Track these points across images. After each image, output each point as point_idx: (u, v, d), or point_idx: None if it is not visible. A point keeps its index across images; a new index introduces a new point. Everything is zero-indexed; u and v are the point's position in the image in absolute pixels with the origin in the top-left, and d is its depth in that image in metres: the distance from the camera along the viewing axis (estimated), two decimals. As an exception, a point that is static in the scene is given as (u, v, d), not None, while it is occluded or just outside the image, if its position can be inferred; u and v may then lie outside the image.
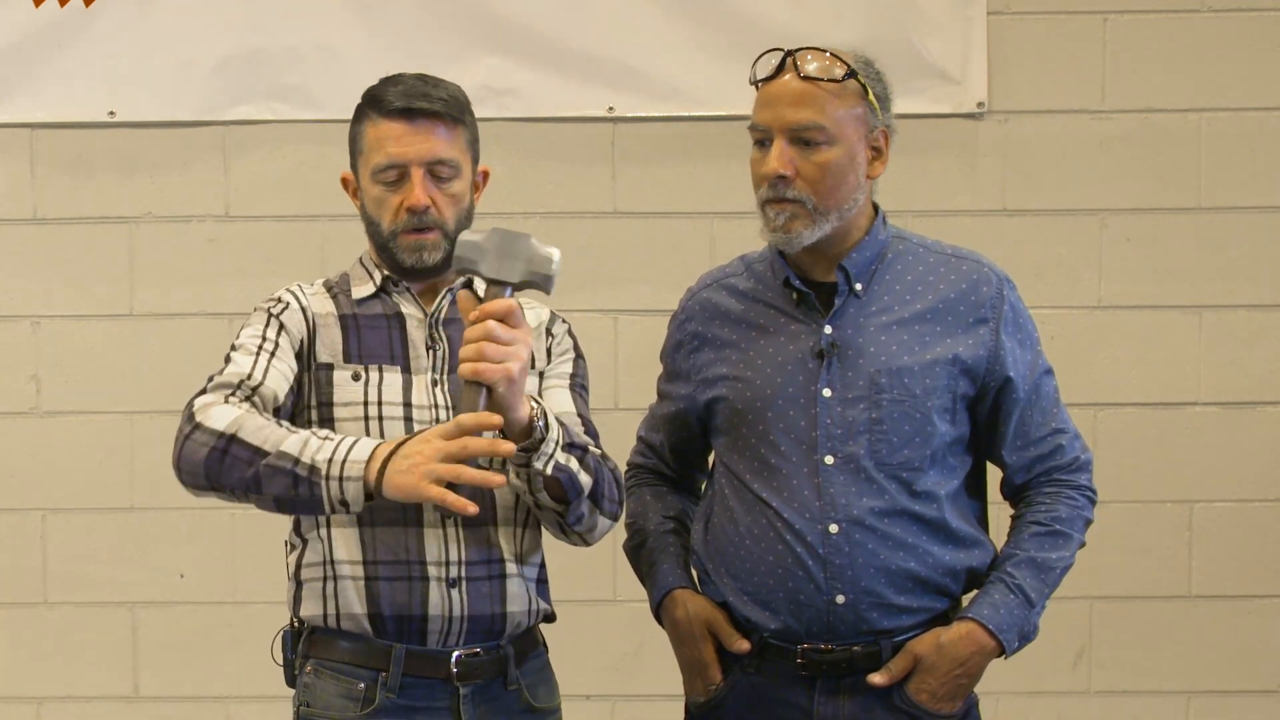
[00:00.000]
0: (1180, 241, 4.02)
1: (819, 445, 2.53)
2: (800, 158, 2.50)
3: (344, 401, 2.50)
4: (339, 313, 2.56)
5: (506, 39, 3.96)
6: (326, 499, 2.31)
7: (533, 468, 2.40)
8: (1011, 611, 2.54)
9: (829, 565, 2.52)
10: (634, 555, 2.78)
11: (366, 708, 2.47)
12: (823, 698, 2.55)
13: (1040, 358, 2.63)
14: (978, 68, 3.97)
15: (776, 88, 2.53)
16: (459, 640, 2.49)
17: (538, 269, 2.33)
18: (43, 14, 3.95)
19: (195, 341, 4.03)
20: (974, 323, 2.56)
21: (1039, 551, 2.57)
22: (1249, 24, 3.99)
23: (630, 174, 4.03)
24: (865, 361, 2.54)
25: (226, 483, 2.35)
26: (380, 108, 2.52)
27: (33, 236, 4.05)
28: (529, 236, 2.34)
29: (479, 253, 2.34)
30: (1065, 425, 2.64)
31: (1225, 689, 4.08)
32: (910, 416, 2.52)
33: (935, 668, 2.53)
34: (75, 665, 4.10)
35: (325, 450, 2.32)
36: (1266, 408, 4.05)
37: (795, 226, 2.52)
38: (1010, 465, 2.63)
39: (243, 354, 2.49)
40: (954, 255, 2.62)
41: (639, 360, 3.98)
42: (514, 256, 2.33)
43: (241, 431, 2.34)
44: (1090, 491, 2.64)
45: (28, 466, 4.08)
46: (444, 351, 2.55)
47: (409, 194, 2.51)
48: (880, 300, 2.57)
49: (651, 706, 4.03)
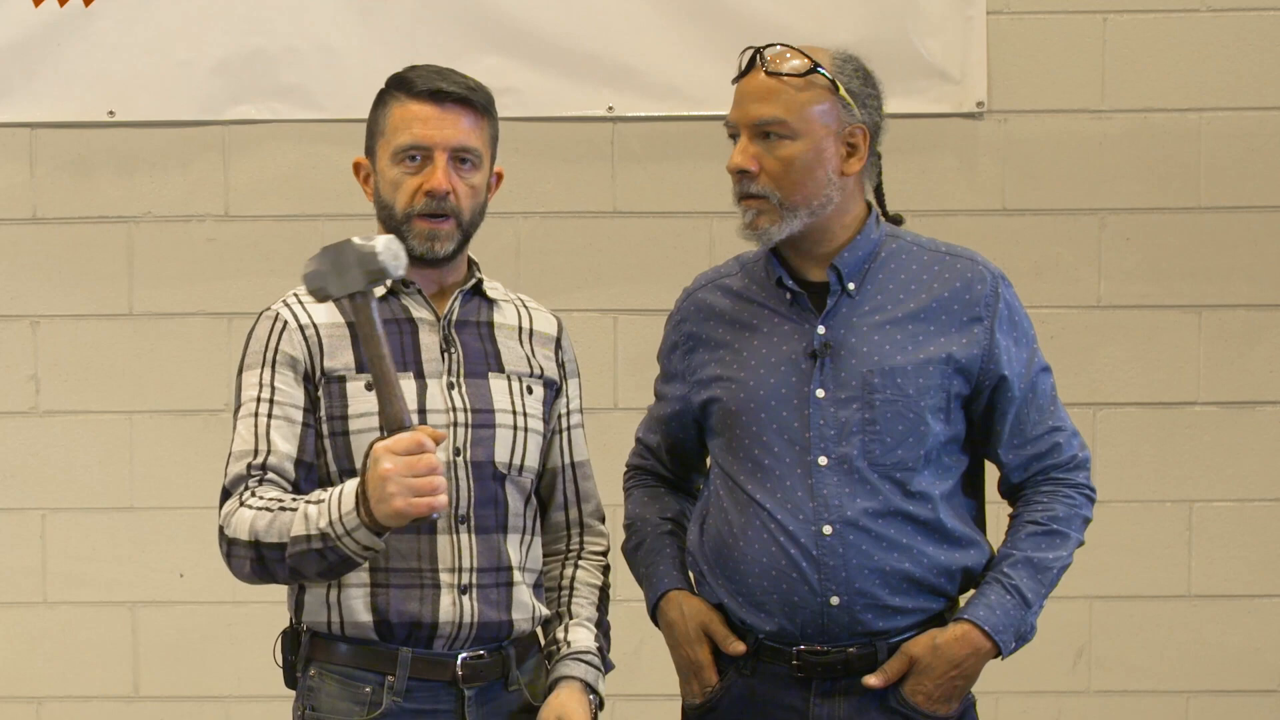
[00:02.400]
0: (1180, 241, 4.02)
1: (812, 446, 2.53)
2: (764, 153, 2.51)
3: (359, 413, 2.47)
4: (347, 321, 2.50)
5: (506, 39, 3.96)
6: (352, 555, 2.33)
7: None
8: (1008, 612, 2.53)
9: (822, 567, 2.51)
10: (631, 556, 2.78)
11: (373, 712, 2.46)
12: (818, 700, 2.55)
13: (1037, 355, 2.62)
14: (977, 67, 3.97)
15: (745, 84, 2.55)
16: (465, 645, 2.49)
17: (370, 266, 2.30)
18: (43, 14, 3.95)
19: (195, 341, 4.03)
20: (968, 321, 2.55)
21: (1035, 551, 2.56)
22: (1249, 24, 3.99)
23: (630, 174, 4.03)
24: (858, 361, 2.53)
25: (280, 580, 2.43)
26: (409, 88, 2.49)
27: (32, 236, 4.05)
28: (349, 240, 2.32)
29: (321, 278, 2.33)
30: (1063, 423, 2.63)
31: (1225, 689, 4.08)
32: (904, 416, 2.52)
33: (930, 669, 2.52)
34: (75, 665, 4.09)
35: (324, 515, 2.33)
36: (1266, 408, 4.05)
37: (761, 223, 2.53)
38: (1007, 464, 2.62)
39: (245, 420, 2.48)
40: (948, 253, 2.61)
41: (639, 360, 3.98)
42: (346, 266, 2.31)
43: (260, 536, 2.38)
44: (1089, 490, 2.63)
45: (28, 466, 4.08)
46: (459, 355, 2.54)
47: (430, 177, 2.47)
48: (873, 299, 2.56)
49: (651, 706, 4.03)
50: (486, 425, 2.50)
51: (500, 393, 2.53)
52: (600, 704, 2.54)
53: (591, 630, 2.60)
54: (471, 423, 2.50)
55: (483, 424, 2.49)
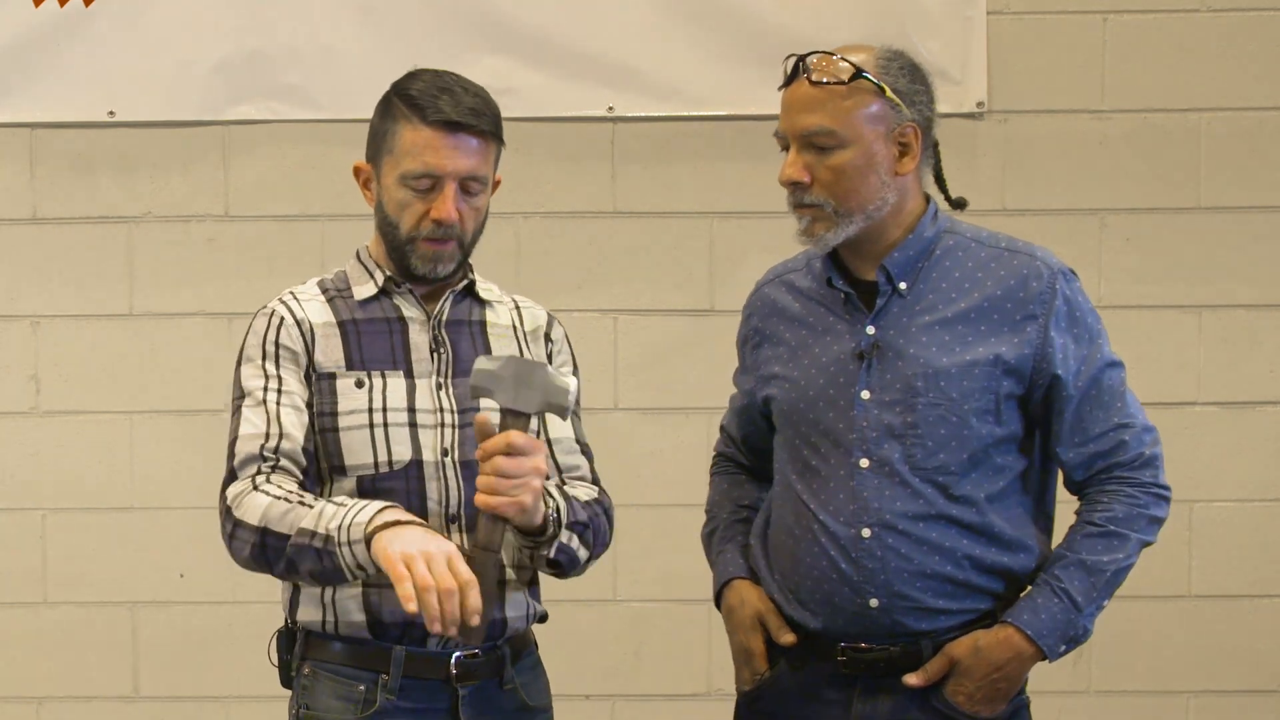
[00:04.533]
0: (1180, 241, 4.02)
1: (854, 448, 2.52)
2: (815, 162, 2.50)
3: (348, 410, 2.48)
4: (338, 319, 2.53)
5: (506, 39, 3.96)
6: (345, 567, 2.32)
7: (537, 552, 2.47)
8: (1054, 616, 2.50)
9: (861, 569, 2.51)
10: (707, 542, 2.82)
11: (367, 710, 2.46)
12: (861, 697, 2.55)
13: (1102, 351, 2.56)
14: (977, 67, 3.97)
15: (790, 94, 2.53)
16: (459, 644, 2.48)
17: (554, 400, 2.35)
18: (42, 14, 3.95)
19: (195, 341, 4.03)
20: (1021, 319, 2.52)
21: (1089, 554, 2.52)
22: (1249, 24, 3.99)
23: (630, 174, 4.03)
24: (904, 364, 2.51)
25: (275, 570, 2.42)
26: (422, 114, 2.48)
27: (33, 236, 4.05)
28: (545, 366, 2.37)
29: (495, 381, 2.34)
30: (1131, 420, 2.57)
31: (1225, 689, 4.08)
32: (946, 420, 2.50)
33: (972, 671, 2.51)
34: (75, 665, 4.09)
35: (337, 518, 2.33)
36: (1266, 408, 4.05)
37: (818, 230, 2.52)
38: (1068, 462, 2.57)
39: (252, 407, 2.48)
40: (1007, 249, 2.58)
41: (639, 360, 3.99)
42: (530, 386, 2.34)
43: (271, 524, 2.38)
44: (1158, 488, 2.57)
45: (28, 466, 4.08)
46: (448, 355, 2.55)
47: (440, 206, 2.48)
48: (926, 299, 2.54)
49: (651, 706, 4.03)
50: (471, 425, 2.49)
51: None
52: (558, 510, 2.44)
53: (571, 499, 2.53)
54: (458, 423, 2.51)
55: (469, 424, 2.49)
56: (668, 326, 4.03)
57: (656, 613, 4.03)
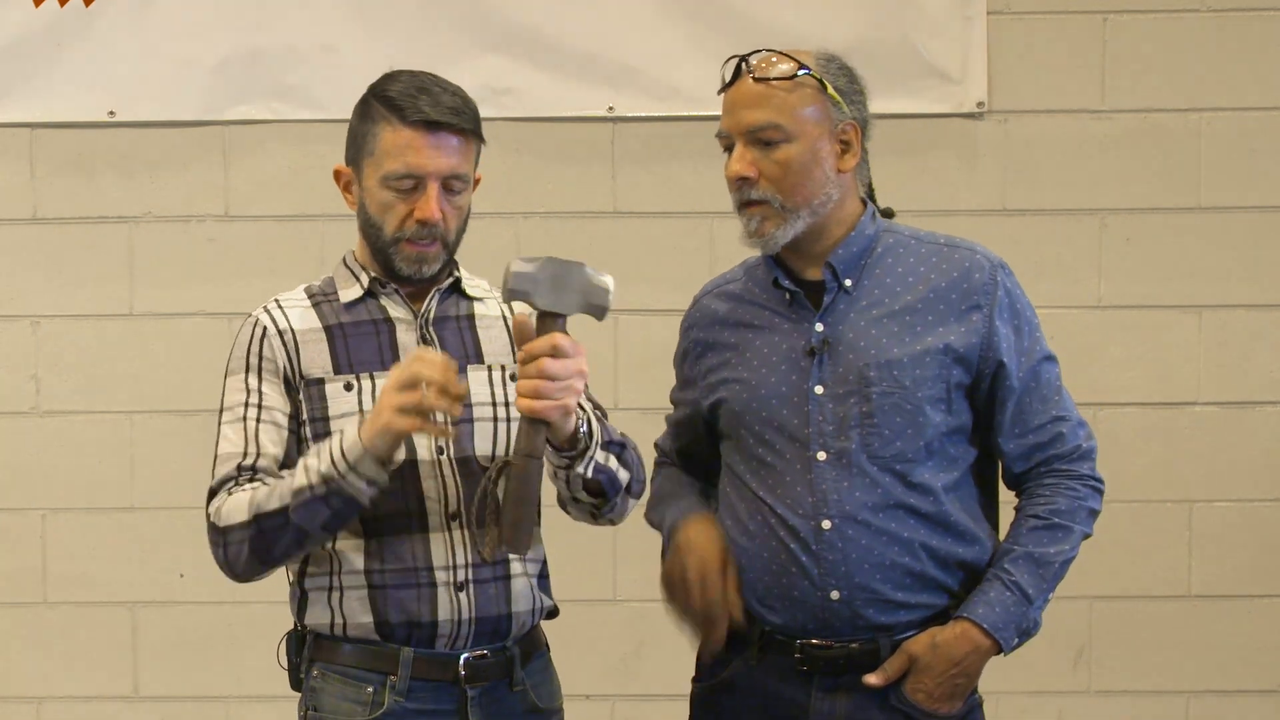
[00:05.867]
0: (1180, 241, 4.02)
1: (811, 442, 2.54)
2: (761, 158, 2.53)
3: (339, 414, 2.48)
4: (324, 324, 2.54)
5: (506, 39, 3.96)
6: (358, 491, 2.34)
7: (573, 470, 2.43)
8: (1008, 609, 2.53)
9: (822, 562, 2.52)
10: (653, 509, 2.76)
11: (375, 711, 2.47)
12: (820, 695, 2.55)
13: (1039, 344, 2.61)
14: (977, 68, 3.97)
15: (733, 93, 2.56)
16: (467, 643, 2.49)
17: (594, 300, 2.33)
18: (43, 14, 3.95)
19: (195, 341, 4.03)
20: (966, 310, 2.55)
21: (1036, 546, 2.56)
22: (1249, 24, 3.99)
23: (630, 174, 4.04)
24: (855, 356, 2.54)
25: (278, 554, 2.42)
26: (401, 115, 2.48)
27: (33, 236, 4.05)
28: (583, 265, 2.33)
29: (532, 283, 2.31)
30: (1067, 413, 2.61)
31: (1225, 689, 4.08)
32: (901, 408, 2.52)
33: (931, 668, 2.52)
34: (75, 665, 4.10)
35: (324, 457, 2.35)
36: (1266, 408, 4.05)
37: (768, 228, 2.54)
38: (1009, 453, 2.61)
39: (232, 424, 2.51)
40: (946, 244, 2.62)
41: (639, 360, 3.98)
42: (568, 288, 2.31)
43: (261, 506, 2.39)
44: (1094, 481, 2.62)
45: (28, 466, 4.08)
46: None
47: (423, 206, 2.48)
48: (871, 294, 2.57)
49: (651, 706, 4.03)
50: (464, 420, 2.50)
51: (479, 384, 2.53)
52: (589, 423, 2.42)
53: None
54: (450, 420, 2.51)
55: (461, 419, 2.49)
56: (668, 326, 4.02)
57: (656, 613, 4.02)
